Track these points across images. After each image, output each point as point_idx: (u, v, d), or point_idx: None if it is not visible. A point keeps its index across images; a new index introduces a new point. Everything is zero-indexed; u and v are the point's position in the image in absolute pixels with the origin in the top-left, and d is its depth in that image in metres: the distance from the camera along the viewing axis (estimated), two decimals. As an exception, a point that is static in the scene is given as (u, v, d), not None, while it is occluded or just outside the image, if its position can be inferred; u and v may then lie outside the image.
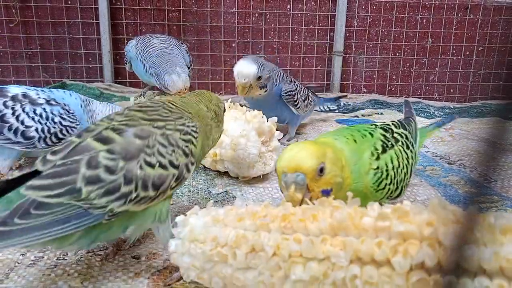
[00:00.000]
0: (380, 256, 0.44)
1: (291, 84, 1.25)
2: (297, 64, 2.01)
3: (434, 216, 0.44)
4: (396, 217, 0.46)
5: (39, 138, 0.89)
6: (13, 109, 0.88)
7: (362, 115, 1.69)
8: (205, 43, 1.93)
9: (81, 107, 0.98)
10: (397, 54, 2.04)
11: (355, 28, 1.99)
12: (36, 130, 0.89)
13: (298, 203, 0.56)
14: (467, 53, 2.07)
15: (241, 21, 1.93)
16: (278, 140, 1.05)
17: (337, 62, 1.99)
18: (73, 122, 0.93)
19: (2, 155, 0.91)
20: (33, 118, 0.89)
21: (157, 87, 1.76)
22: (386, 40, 2.02)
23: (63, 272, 0.64)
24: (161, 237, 0.63)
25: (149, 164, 0.57)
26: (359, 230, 0.46)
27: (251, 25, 1.94)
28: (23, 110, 0.89)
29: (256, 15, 1.93)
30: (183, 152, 0.61)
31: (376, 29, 2.00)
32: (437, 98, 2.09)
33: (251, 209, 0.53)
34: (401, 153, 0.72)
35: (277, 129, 1.06)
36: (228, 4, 1.91)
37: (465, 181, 1.03)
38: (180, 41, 1.50)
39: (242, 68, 1.12)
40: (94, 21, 1.84)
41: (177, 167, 0.60)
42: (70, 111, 0.94)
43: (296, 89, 1.25)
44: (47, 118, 0.90)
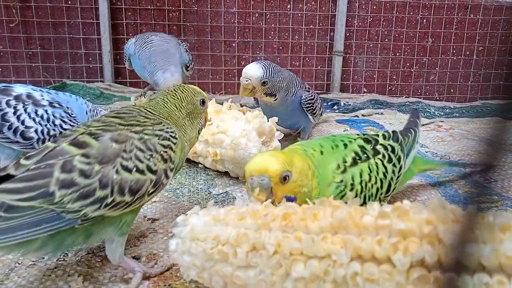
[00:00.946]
0: (381, 254, 0.44)
1: (310, 92, 1.24)
2: (297, 64, 2.01)
3: (434, 215, 0.44)
4: (396, 216, 0.46)
5: (38, 140, 0.89)
6: (15, 109, 0.88)
7: (363, 115, 1.69)
8: (205, 43, 1.93)
9: (86, 114, 0.97)
10: (397, 54, 2.04)
11: (355, 28, 1.99)
12: (36, 131, 0.88)
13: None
14: (468, 53, 2.07)
15: (241, 21, 1.93)
16: (278, 140, 1.05)
17: (337, 62, 1.99)
18: (74, 126, 0.93)
19: (3, 155, 0.91)
20: (34, 119, 0.89)
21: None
22: (387, 40, 2.02)
23: (64, 273, 0.64)
24: (112, 251, 0.61)
25: (126, 169, 0.56)
26: (360, 228, 0.46)
27: (251, 25, 1.94)
28: (25, 110, 0.88)
29: (256, 15, 1.93)
30: (162, 158, 0.60)
31: (376, 29, 2.00)
32: (437, 98, 2.09)
33: (252, 209, 0.53)
34: (377, 167, 0.71)
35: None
36: (228, 4, 1.91)
37: (465, 181, 1.03)
38: (180, 40, 1.50)
39: (248, 69, 1.11)
40: (95, 21, 1.84)
41: (155, 173, 0.59)
42: (72, 115, 0.93)
43: (314, 98, 1.25)
44: (48, 120, 0.90)
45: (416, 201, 0.92)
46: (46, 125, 0.89)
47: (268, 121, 1.03)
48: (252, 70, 1.10)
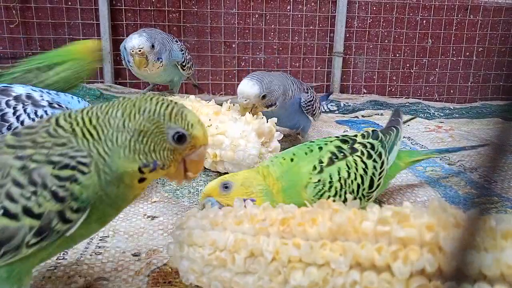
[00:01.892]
0: (380, 262, 0.44)
1: (309, 93, 1.24)
2: (297, 65, 2.01)
3: (434, 220, 0.44)
4: (396, 221, 0.45)
5: None
6: (15, 109, 0.88)
7: (362, 116, 1.69)
8: (205, 44, 1.93)
9: None
10: (397, 55, 2.04)
11: (355, 29, 1.99)
12: None
13: None
14: (467, 54, 2.07)
15: (241, 22, 1.93)
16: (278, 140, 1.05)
17: (337, 63, 1.99)
18: None
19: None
20: (33, 120, 0.89)
21: (158, 88, 1.76)
22: (386, 41, 2.02)
23: (64, 274, 0.64)
24: None
25: None
26: (359, 235, 0.46)
27: (251, 26, 1.94)
28: (25, 111, 0.88)
29: (256, 16, 1.93)
30: (53, 195, 0.43)
31: (376, 30, 2.00)
32: (437, 99, 2.09)
33: (250, 212, 0.53)
34: (356, 164, 0.73)
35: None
36: (228, 5, 1.91)
37: (465, 182, 1.03)
38: (178, 39, 1.46)
39: (244, 89, 1.05)
40: (95, 22, 1.84)
41: (39, 217, 0.43)
42: None
43: (313, 98, 1.25)
44: None
45: (416, 202, 0.92)
46: None
47: (268, 122, 1.03)
48: (248, 89, 1.05)
